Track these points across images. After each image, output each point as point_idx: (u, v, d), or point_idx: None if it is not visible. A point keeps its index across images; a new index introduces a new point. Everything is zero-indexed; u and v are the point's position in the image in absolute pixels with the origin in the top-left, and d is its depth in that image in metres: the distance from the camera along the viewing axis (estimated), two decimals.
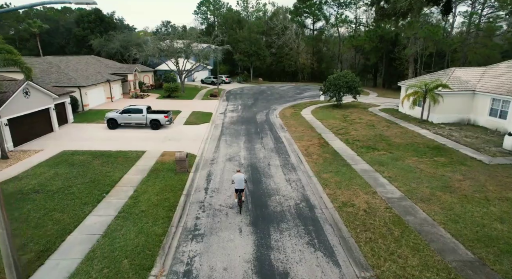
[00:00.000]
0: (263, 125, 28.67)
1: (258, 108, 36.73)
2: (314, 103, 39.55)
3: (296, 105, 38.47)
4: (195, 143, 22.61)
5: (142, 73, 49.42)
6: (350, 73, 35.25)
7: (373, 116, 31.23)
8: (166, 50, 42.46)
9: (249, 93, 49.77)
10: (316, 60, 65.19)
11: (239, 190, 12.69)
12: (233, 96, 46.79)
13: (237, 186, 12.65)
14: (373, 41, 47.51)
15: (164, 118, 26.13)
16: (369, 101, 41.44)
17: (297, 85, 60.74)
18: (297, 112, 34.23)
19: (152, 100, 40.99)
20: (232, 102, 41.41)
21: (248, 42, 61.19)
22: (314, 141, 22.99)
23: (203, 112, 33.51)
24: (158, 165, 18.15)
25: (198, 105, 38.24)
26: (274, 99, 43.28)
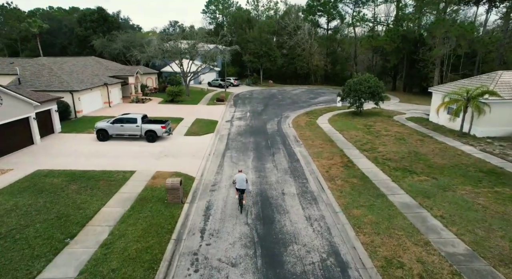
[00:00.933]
0: (275, 136, 25.07)
1: (268, 116, 33.14)
2: (330, 110, 35.73)
3: (310, 112, 34.72)
4: (194, 161, 19.16)
5: (145, 75, 46.44)
6: (373, 77, 31.35)
7: (400, 126, 27.26)
8: (169, 51, 39.32)
9: (258, 97, 46.23)
10: (330, 61, 61.26)
11: (241, 190, 12.88)
12: (241, 100, 43.32)
13: (239, 186, 12.84)
14: (394, 41, 43.40)
15: (162, 129, 22.80)
16: (391, 107, 37.38)
17: (310, 88, 56.91)
18: (312, 120, 30.50)
19: (154, 105, 37.85)
20: (240, 108, 37.93)
21: (258, 43, 57.71)
22: (336, 160, 19.27)
23: (208, 120, 30.11)
24: (147, 192, 14.76)
25: (202, 111, 34.89)
26: (286, 105, 39.62)
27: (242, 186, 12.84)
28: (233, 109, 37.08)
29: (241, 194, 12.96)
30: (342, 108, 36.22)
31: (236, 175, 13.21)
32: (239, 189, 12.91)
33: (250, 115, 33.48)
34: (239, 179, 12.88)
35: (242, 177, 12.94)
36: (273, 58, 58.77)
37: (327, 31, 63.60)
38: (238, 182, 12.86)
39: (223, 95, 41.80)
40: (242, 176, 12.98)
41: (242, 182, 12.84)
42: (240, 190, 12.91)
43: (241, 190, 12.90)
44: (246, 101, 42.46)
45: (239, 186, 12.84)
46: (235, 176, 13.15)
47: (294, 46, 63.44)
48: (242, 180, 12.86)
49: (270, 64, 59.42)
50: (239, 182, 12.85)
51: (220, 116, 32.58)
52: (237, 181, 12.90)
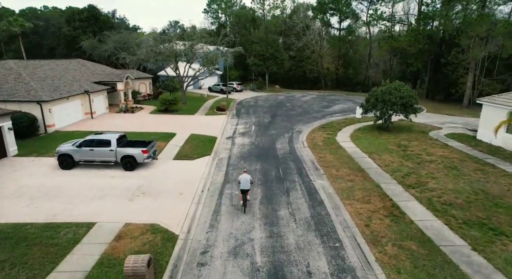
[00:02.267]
0: (287, 161, 19.82)
1: (277, 130, 27.91)
2: (349, 122, 30.39)
3: (327, 125, 29.41)
4: (181, 204, 13.99)
5: (137, 80, 41.46)
6: (404, 86, 26.08)
7: (444, 148, 21.85)
8: (163, 53, 34.28)
9: (264, 105, 41.01)
10: (342, 64, 55.95)
11: (245, 190, 13.08)
12: (245, 109, 38.12)
13: (243, 187, 13.07)
14: (419, 42, 38.03)
15: (143, 153, 17.66)
16: (421, 119, 31.83)
17: (321, 95, 51.59)
18: (331, 137, 25.21)
19: (143, 116, 32.78)
20: (244, 119, 32.72)
21: (264, 44, 52.59)
22: (374, 203, 13.99)
23: (204, 137, 24.96)
24: (101, 269, 9.62)
25: (199, 123, 29.75)
26: (296, 115, 34.34)
27: (246, 187, 13.12)
28: (235, 120, 31.88)
29: (245, 194, 13.17)
30: (363, 120, 30.88)
31: (240, 176, 13.54)
32: (243, 190, 13.11)
33: (256, 129, 28.25)
34: (243, 180, 13.22)
35: (247, 178, 13.29)
36: (280, 60, 53.61)
37: (339, 31, 58.35)
38: (242, 183, 13.16)
39: (224, 103, 36.63)
40: (246, 177, 13.32)
41: (247, 183, 13.15)
42: (243, 191, 13.12)
43: (245, 190, 13.11)
44: (250, 110, 37.25)
45: (243, 187, 13.10)
46: (240, 177, 13.49)
47: (303, 48, 58.29)
48: (246, 181, 13.18)
49: (276, 67, 54.27)
50: (243, 183, 13.16)
51: (219, 130, 27.40)
52: (241, 182, 13.21)
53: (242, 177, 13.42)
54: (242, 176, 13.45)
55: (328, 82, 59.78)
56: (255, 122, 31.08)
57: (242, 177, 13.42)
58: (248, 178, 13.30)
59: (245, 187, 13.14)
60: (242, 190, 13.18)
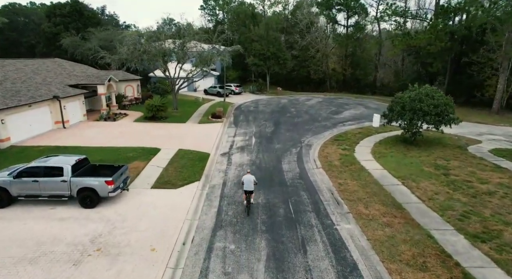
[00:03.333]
0: (298, 191, 15.31)
1: (282, 143, 23.37)
2: (367, 133, 25.90)
3: (340, 137, 24.88)
4: (148, 272, 9.46)
5: (123, 82, 36.89)
6: (439, 92, 21.62)
7: (497, 170, 17.29)
8: (149, 52, 29.67)
9: (266, 110, 36.44)
10: (349, 64, 51.42)
11: (248, 191, 12.75)
12: (244, 116, 33.55)
13: (246, 188, 12.75)
14: (441, 39, 33.54)
15: (107, 185, 13.11)
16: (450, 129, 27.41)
17: (327, 98, 47.07)
18: (348, 153, 20.69)
19: (127, 125, 28.20)
20: (243, 128, 28.16)
21: (264, 42, 48.05)
22: (436, 271, 9.49)
23: (195, 154, 20.42)
24: None
25: (190, 134, 25.21)
26: (303, 123, 29.81)
27: (249, 188, 12.75)
28: (232, 130, 27.31)
29: (249, 195, 12.82)
30: (382, 130, 26.40)
31: (244, 176, 13.07)
32: (246, 191, 12.77)
33: (257, 142, 23.71)
34: (246, 180, 12.80)
35: (250, 179, 12.83)
36: (282, 60, 49.07)
37: (347, 28, 53.78)
38: (245, 184, 12.75)
39: (220, 109, 32.02)
40: (250, 178, 12.88)
41: (250, 184, 12.75)
42: (247, 192, 12.78)
43: (248, 192, 12.78)
44: (250, 117, 32.69)
45: (247, 188, 12.74)
46: (243, 178, 12.99)
47: (307, 47, 53.76)
48: (249, 181, 12.77)
49: (278, 67, 49.74)
50: (246, 183, 12.75)
51: (214, 143, 22.86)
52: (244, 182, 12.79)
53: (245, 177, 13.02)
54: (245, 177, 13.04)
55: (334, 84, 55.26)
56: (255, 132, 26.53)
57: (245, 177, 13.02)
58: (251, 179, 12.90)
59: (248, 188, 12.82)
60: (246, 191, 12.86)
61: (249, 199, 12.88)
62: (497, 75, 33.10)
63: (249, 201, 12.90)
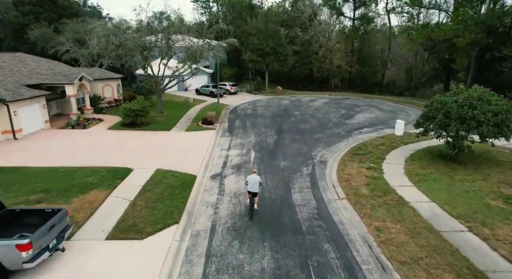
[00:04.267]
0: (319, 242, 10.50)
1: (289, 159, 18.53)
2: (391, 144, 21.12)
3: (360, 149, 20.07)
4: None
5: (99, 81, 31.76)
6: (495, 95, 16.86)
7: None
8: (124, 46, 24.57)
9: (265, 114, 31.54)
10: (356, 61, 46.59)
11: (252, 193, 11.79)
12: (240, 121, 28.63)
13: (250, 189, 11.78)
14: (471, 30, 28.71)
15: (19, 251, 8.18)
16: None
17: (333, 98, 42.30)
18: (376, 175, 15.89)
19: (99, 133, 23.16)
20: (239, 137, 23.24)
21: (263, 36, 43.05)
22: None
23: (177, 177, 15.54)
24: None
25: (174, 148, 20.26)
26: (310, 130, 25.00)
27: (253, 189, 11.75)
28: (227, 140, 22.40)
29: (253, 197, 11.81)
30: (408, 139, 21.72)
31: (249, 176, 12.11)
32: (250, 192, 11.80)
33: (257, 157, 18.84)
34: (251, 180, 11.81)
35: (255, 179, 11.82)
36: (282, 56, 44.12)
37: (353, 21, 48.85)
38: (250, 184, 11.82)
39: (212, 114, 26.99)
40: (255, 178, 11.86)
41: (255, 185, 11.74)
42: (251, 193, 11.79)
43: (252, 193, 11.79)
44: (247, 122, 27.78)
45: (251, 189, 11.78)
46: (248, 177, 12.07)
47: (309, 41, 48.90)
48: (254, 182, 11.75)
49: (278, 64, 44.79)
50: (251, 184, 11.78)
51: (202, 160, 17.97)
52: (249, 183, 11.86)
53: (250, 177, 11.91)
54: (251, 177, 11.92)
55: (339, 82, 50.44)
56: (254, 143, 21.65)
57: (250, 177, 11.91)
58: (257, 180, 11.80)
59: (252, 190, 11.73)
60: (250, 192, 11.79)
61: (252, 201, 11.88)
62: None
63: (253, 205, 11.90)
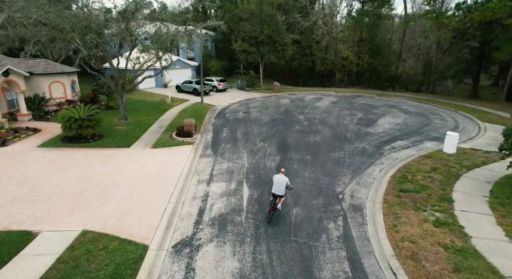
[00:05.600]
0: None
1: (302, 202, 11.74)
2: (448, 169, 14.45)
3: (406, 180, 13.36)
4: None
5: (45, 77, 24.30)
6: None
7: None
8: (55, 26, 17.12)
9: (261, 119, 24.59)
10: (367, 52, 39.82)
11: (277, 195, 10.24)
12: (229, 130, 21.62)
13: (275, 191, 10.26)
14: None
15: None
16: None
17: (340, 95, 35.57)
18: (458, 242, 9.21)
19: (23, 152, 15.88)
20: (226, 159, 16.25)
21: (257, 21, 35.83)
22: None
23: (111, 250, 8.60)
24: None
25: (124, 183, 13.14)
26: (325, 145, 18.17)
27: (278, 192, 10.22)
28: (208, 165, 15.40)
29: (275, 199, 10.24)
30: (465, 160, 15.14)
31: (275, 176, 10.56)
32: (275, 195, 10.27)
33: (252, 198, 11.97)
34: (277, 181, 10.30)
35: (281, 180, 10.25)
36: (280, 46, 37.02)
37: (362, 3, 41.84)
38: (275, 185, 10.30)
39: (190, 122, 19.81)
40: (281, 179, 10.27)
41: (280, 187, 10.21)
42: (275, 196, 10.26)
43: (276, 196, 10.24)
44: (238, 133, 20.80)
45: (275, 191, 10.26)
46: (274, 177, 10.56)
47: (311, 28, 41.84)
48: (280, 183, 10.22)
49: (275, 55, 37.70)
50: (276, 185, 10.27)
51: (164, 209, 11.01)
52: (274, 183, 10.34)
53: (276, 177, 10.43)
54: (277, 176, 10.43)
55: (344, 77, 43.64)
56: (249, 169, 14.77)
57: (276, 177, 10.43)
58: (283, 181, 10.21)
59: (277, 192, 10.23)
60: (274, 194, 10.30)
61: (274, 202, 10.13)
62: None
63: (275, 205, 10.12)
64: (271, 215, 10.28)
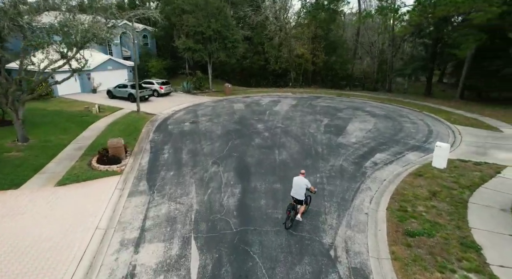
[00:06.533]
0: None
1: (280, 267, 7.85)
2: (447, 192, 11.67)
3: (407, 215, 10.21)
4: None
5: None
6: None
7: None
8: None
9: (213, 131, 20.20)
10: (322, 49, 37.46)
11: (296, 200, 9.35)
12: (171, 151, 16.90)
13: (294, 194, 9.39)
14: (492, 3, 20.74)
15: None
16: None
17: (298, 96, 32.58)
18: None
19: None
20: (166, 198, 11.70)
21: (203, 14, 31.15)
22: None
23: None
24: None
25: None
26: (295, 166, 14.48)
27: (297, 195, 9.32)
28: (138, 210, 10.70)
29: (295, 204, 9.38)
30: (459, 176, 12.62)
31: (295, 178, 9.50)
32: (294, 198, 9.41)
33: (206, 269, 7.74)
34: (296, 183, 9.36)
35: (300, 183, 9.27)
36: (230, 42, 32.82)
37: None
38: (294, 188, 9.40)
39: (116, 143, 14.70)
40: (300, 181, 9.29)
41: (299, 190, 9.26)
42: (295, 200, 9.38)
43: (296, 200, 9.37)
44: (183, 152, 16.22)
45: (294, 194, 9.39)
46: (294, 179, 9.49)
47: (263, 24, 38.37)
48: (299, 186, 9.28)
49: (225, 54, 33.40)
50: (294, 187, 9.37)
51: None
52: (293, 186, 9.42)
53: (296, 180, 9.42)
54: (296, 179, 9.41)
55: (300, 76, 40.99)
56: (198, 213, 10.46)
57: (296, 180, 9.42)
58: (302, 184, 9.20)
59: (296, 196, 9.32)
60: (293, 198, 9.38)
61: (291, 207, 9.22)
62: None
63: (294, 211, 9.29)
64: (289, 220, 9.24)
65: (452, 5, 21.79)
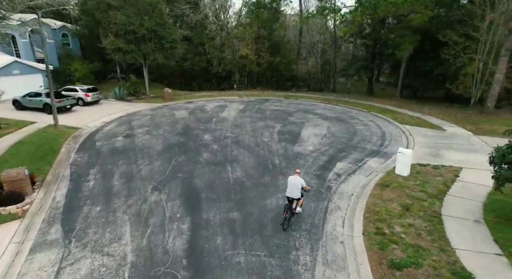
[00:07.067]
0: None
1: None
2: (418, 205, 10.78)
3: (387, 240, 8.92)
4: None
5: None
6: None
7: None
8: None
9: (152, 147, 17.22)
10: (266, 50, 36.18)
11: (291, 199, 9.37)
12: (98, 177, 13.66)
13: (288, 194, 9.38)
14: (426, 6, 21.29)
15: None
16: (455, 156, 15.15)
17: (245, 99, 30.76)
18: None
19: None
20: (87, 249, 8.72)
21: (133, 10, 27.41)
22: None
23: None
24: None
25: None
26: (252, 187, 12.48)
27: (292, 195, 9.32)
28: (48, 266, 7.68)
29: (290, 203, 9.38)
30: (424, 182, 12.01)
31: (289, 177, 9.52)
32: (289, 198, 9.40)
33: None
34: (291, 183, 9.35)
35: (295, 183, 9.25)
36: (168, 43, 29.61)
37: None
38: (289, 188, 9.38)
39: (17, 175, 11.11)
40: (295, 181, 9.28)
41: (294, 190, 9.26)
42: (289, 199, 9.39)
43: (291, 199, 9.37)
44: (115, 177, 13.13)
45: (289, 194, 9.37)
46: (289, 178, 9.53)
47: (202, 24, 35.78)
48: (295, 186, 9.26)
49: (163, 55, 30.06)
50: (289, 187, 9.35)
51: None
52: (288, 186, 9.41)
53: (290, 179, 9.44)
54: (291, 178, 9.44)
55: (245, 78, 39.31)
56: (134, 268, 7.84)
57: (290, 179, 9.44)
58: (297, 184, 9.21)
59: (291, 195, 9.35)
60: (288, 198, 9.42)
61: (289, 208, 9.27)
62: (478, 60, 23.54)
63: (290, 211, 9.30)
64: (286, 221, 9.23)
65: (392, 6, 22.03)
